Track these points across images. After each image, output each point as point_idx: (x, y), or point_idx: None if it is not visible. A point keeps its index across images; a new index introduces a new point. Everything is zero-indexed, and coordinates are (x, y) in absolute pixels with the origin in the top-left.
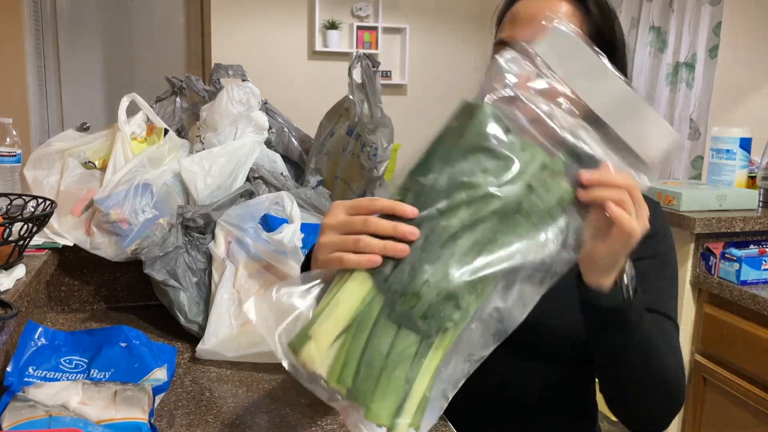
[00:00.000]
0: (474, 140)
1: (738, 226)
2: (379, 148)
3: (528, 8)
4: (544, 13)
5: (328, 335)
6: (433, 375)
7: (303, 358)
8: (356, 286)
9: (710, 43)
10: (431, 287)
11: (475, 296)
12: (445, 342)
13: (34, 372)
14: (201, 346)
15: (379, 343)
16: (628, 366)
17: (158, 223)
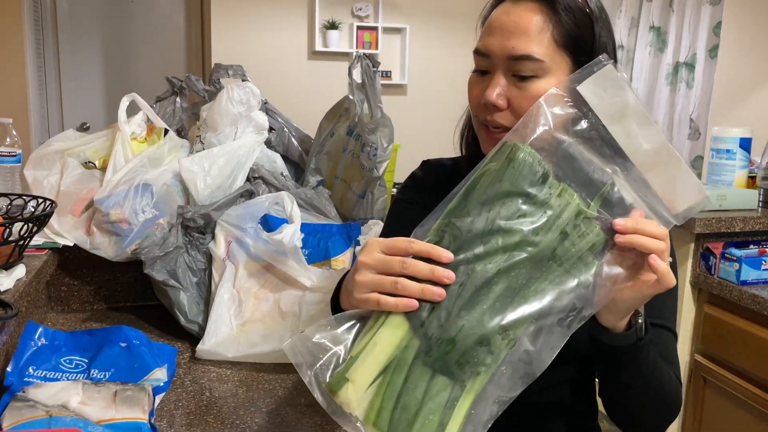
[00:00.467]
0: (512, 184)
1: (738, 226)
2: (379, 148)
3: (500, 18)
4: (514, 23)
5: (365, 378)
6: (464, 418)
7: (341, 400)
8: (393, 330)
9: (710, 43)
10: (466, 333)
11: (506, 341)
12: (476, 385)
13: (34, 372)
14: (201, 346)
15: (415, 387)
16: (631, 390)
17: (158, 223)
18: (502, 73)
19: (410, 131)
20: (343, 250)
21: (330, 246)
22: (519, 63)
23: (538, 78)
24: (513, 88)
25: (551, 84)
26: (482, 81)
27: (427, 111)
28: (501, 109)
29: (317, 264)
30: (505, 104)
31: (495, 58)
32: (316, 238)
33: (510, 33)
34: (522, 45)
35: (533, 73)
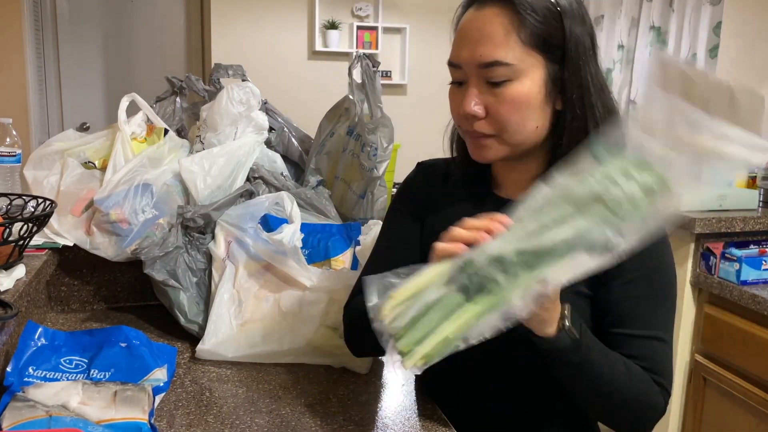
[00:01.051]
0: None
1: (738, 226)
2: (379, 148)
3: (466, 26)
4: (479, 30)
5: (401, 295)
6: (462, 324)
7: (382, 314)
8: (437, 266)
9: (710, 43)
10: (482, 253)
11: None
12: (484, 302)
13: (34, 372)
14: (201, 346)
15: (430, 296)
16: (577, 394)
17: (158, 223)
18: (475, 82)
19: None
20: (343, 250)
21: (330, 246)
22: (489, 70)
23: (511, 81)
24: (488, 95)
25: (526, 86)
26: (460, 92)
27: (427, 111)
28: (480, 118)
29: (317, 264)
30: (483, 112)
31: (466, 68)
32: (316, 238)
33: (476, 41)
34: (489, 51)
35: (505, 78)
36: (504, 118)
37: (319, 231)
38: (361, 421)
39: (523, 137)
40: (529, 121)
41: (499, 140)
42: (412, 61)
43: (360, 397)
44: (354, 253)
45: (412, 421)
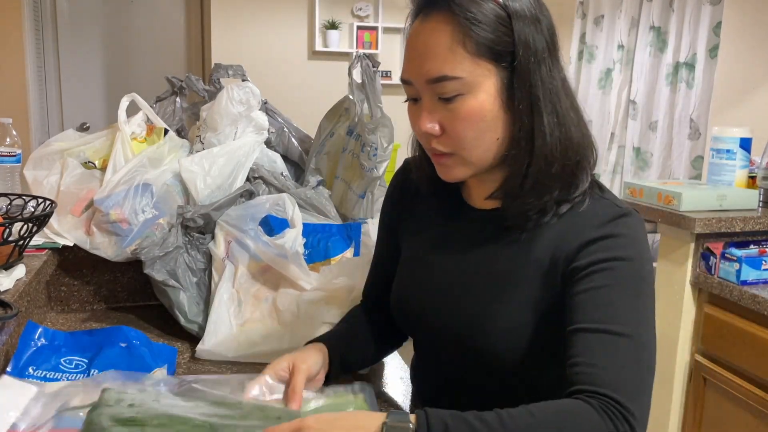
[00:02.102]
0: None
1: (738, 226)
2: (379, 148)
3: (411, 41)
4: (424, 45)
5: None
6: None
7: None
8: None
9: (710, 43)
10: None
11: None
12: None
13: (34, 372)
14: (201, 346)
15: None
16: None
17: (158, 223)
18: (428, 99)
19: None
20: (343, 250)
21: (330, 246)
22: (439, 85)
23: (463, 95)
24: (443, 111)
25: (480, 98)
26: (416, 109)
27: None
28: (437, 135)
29: (317, 264)
30: (439, 130)
31: (416, 84)
32: (316, 238)
33: (422, 56)
34: (435, 66)
35: (456, 92)
36: (460, 135)
37: (319, 231)
38: None
39: (482, 151)
40: (487, 133)
41: (459, 159)
42: None
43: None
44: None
45: None
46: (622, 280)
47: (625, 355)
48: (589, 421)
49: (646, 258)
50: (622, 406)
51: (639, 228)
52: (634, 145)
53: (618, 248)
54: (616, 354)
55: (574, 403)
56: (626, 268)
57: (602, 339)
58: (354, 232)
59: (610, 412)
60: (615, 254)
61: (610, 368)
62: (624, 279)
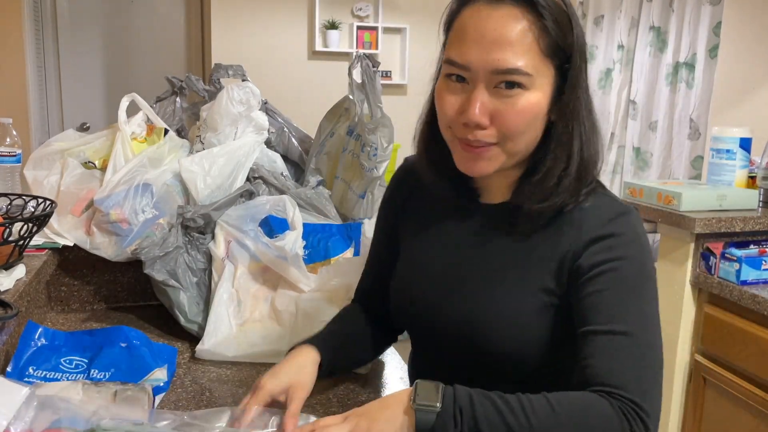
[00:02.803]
0: None
1: (738, 226)
2: (379, 148)
3: (478, 25)
4: (496, 32)
5: None
6: None
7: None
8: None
9: (710, 43)
10: None
11: None
12: None
13: (34, 372)
14: (201, 346)
15: None
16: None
17: (158, 223)
18: (483, 87)
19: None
20: (343, 250)
21: (330, 246)
22: (504, 76)
23: (524, 90)
24: (497, 102)
25: (537, 96)
26: (458, 91)
27: None
28: (484, 128)
29: (317, 264)
30: (489, 121)
31: (476, 71)
32: (316, 238)
33: (492, 43)
34: (508, 58)
35: (520, 88)
36: (511, 128)
37: (319, 231)
38: None
39: (522, 147)
40: (532, 131)
41: (499, 149)
42: (412, 61)
43: (360, 397)
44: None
45: None
46: (625, 280)
47: (633, 354)
48: (607, 417)
49: (647, 255)
50: (636, 404)
51: (639, 226)
52: (634, 145)
53: (620, 247)
54: (625, 354)
55: (592, 397)
56: (629, 267)
57: (611, 340)
58: (354, 232)
59: (625, 410)
60: (617, 254)
61: (619, 368)
62: (627, 279)
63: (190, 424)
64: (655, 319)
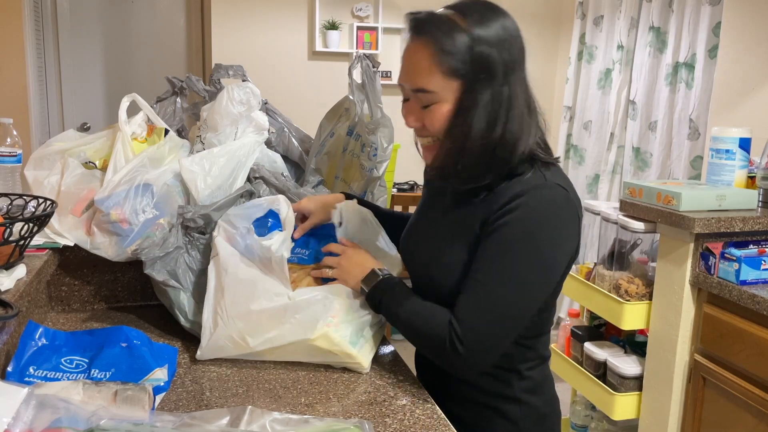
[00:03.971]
0: None
1: (737, 226)
2: (379, 148)
3: (405, 55)
4: (410, 61)
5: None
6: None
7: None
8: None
9: (710, 43)
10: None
11: None
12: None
13: (34, 372)
14: (200, 348)
15: None
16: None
17: (158, 223)
18: (413, 101)
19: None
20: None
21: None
22: (419, 94)
23: (437, 104)
24: (422, 112)
25: (446, 107)
26: (404, 107)
27: None
28: (419, 129)
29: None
30: (421, 125)
31: (405, 91)
32: (316, 239)
33: (407, 70)
34: (417, 81)
35: (432, 101)
36: (434, 131)
37: (319, 231)
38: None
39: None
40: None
41: (439, 144)
42: None
43: (360, 397)
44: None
45: (411, 421)
46: (504, 241)
47: (479, 299)
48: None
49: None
50: (456, 332)
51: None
52: (633, 145)
53: (514, 215)
54: (474, 297)
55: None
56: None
57: (471, 284)
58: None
59: (451, 330)
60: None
61: (465, 306)
62: (506, 240)
63: (190, 425)
64: (520, 279)
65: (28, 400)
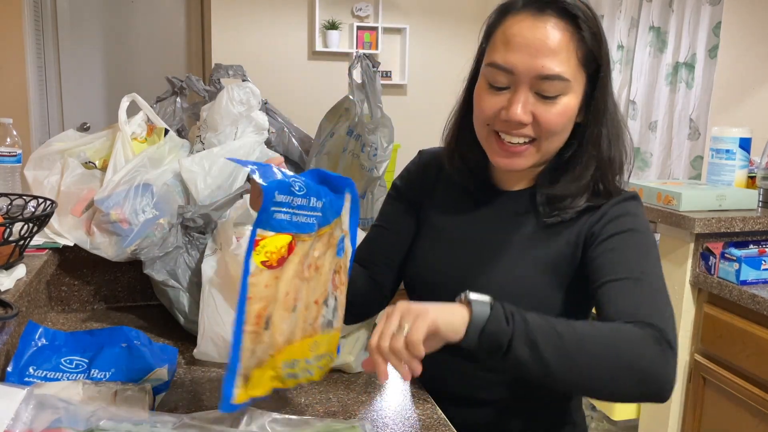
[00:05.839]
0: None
1: (738, 226)
2: (379, 148)
3: (524, 34)
4: (541, 41)
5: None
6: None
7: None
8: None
9: (710, 43)
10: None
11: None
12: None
13: (34, 372)
14: (196, 349)
15: None
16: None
17: (158, 223)
18: (526, 90)
19: (410, 131)
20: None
21: None
22: (547, 82)
23: (563, 95)
24: (538, 103)
25: (572, 100)
26: (498, 95)
27: (427, 111)
28: (525, 125)
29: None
30: (531, 119)
31: (520, 75)
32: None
33: (537, 51)
34: (552, 65)
35: (560, 92)
36: (550, 128)
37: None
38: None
39: (555, 146)
40: (564, 132)
41: (534, 149)
42: (412, 61)
43: (360, 397)
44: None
45: (411, 420)
46: (635, 243)
47: (649, 295)
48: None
49: (651, 232)
50: (658, 329)
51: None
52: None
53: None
54: (643, 295)
55: (624, 324)
56: (638, 235)
57: (629, 285)
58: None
59: (654, 335)
60: (628, 226)
61: (640, 306)
62: (637, 243)
63: (190, 425)
64: (662, 275)
65: (27, 401)
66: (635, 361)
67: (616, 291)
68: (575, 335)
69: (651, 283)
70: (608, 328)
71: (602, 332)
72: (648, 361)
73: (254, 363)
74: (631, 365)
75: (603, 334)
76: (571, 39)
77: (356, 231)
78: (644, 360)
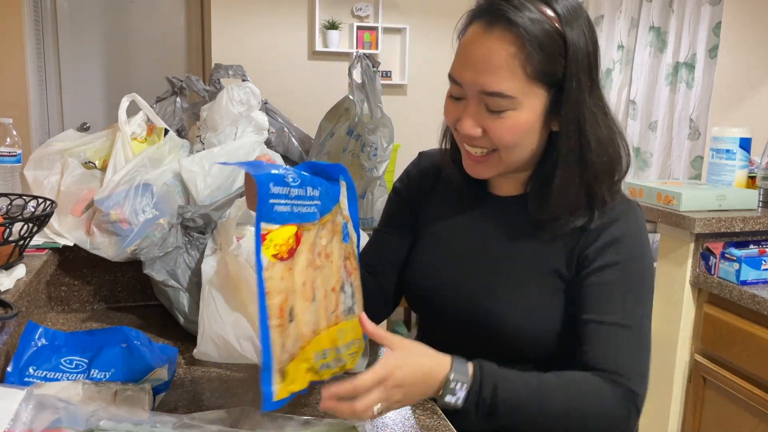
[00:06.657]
0: None
1: (738, 226)
2: (379, 148)
3: (471, 49)
4: (485, 57)
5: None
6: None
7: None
8: None
9: (710, 43)
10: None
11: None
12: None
13: (34, 372)
14: (197, 347)
15: None
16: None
17: (158, 223)
18: (475, 104)
19: (410, 131)
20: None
21: None
22: (491, 98)
23: (510, 111)
24: (487, 118)
25: (525, 115)
26: (457, 106)
27: (427, 111)
28: (477, 137)
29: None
30: (481, 132)
31: (467, 89)
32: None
33: (482, 68)
34: (492, 82)
35: (506, 108)
36: (502, 143)
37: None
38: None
39: (517, 158)
40: (524, 144)
41: (498, 157)
42: (412, 61)
43: None
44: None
45: (411, 420)
46: (628, 278)
47: (633, 345)
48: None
49: (648, 253)
50: (633, 391)
51: (642, 219)
52: (633, 145)
53: (626, 247)
54: (627, 345)
55: (597, 381)
56: (632, 266)
57: (615, 332)
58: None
59: (626, 396)
60: (623, 255)
61: (622, 357)
62: (630, 277)
63: (190, 425)
64: (649, 312)
65: (27, 401)
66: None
67: (602, 335)
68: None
69: (637, 330)
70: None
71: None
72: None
73: (287, 357)
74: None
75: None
76: (517, 55)
77: (357, 216)
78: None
